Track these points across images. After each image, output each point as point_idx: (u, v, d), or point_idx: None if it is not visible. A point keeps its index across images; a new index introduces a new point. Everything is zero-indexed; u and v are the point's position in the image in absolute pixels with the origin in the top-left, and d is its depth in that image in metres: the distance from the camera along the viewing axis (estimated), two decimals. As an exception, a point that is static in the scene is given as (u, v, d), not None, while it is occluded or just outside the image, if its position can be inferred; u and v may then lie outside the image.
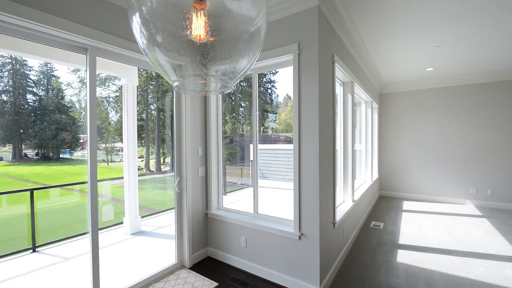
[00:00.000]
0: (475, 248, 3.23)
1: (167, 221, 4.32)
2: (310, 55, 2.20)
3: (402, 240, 3.48)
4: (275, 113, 6.94)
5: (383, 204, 5.40)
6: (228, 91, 0.89)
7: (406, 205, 5.33)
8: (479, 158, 5.17)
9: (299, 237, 2.28)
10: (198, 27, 0.74)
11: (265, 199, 4.96)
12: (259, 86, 3.01)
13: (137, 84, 3.79)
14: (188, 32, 0.74)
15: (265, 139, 6.88)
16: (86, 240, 3.06)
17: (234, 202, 4.92)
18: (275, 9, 2.34)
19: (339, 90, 3.24)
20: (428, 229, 3.92)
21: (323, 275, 2.28)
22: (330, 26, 2.51)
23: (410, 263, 2.86)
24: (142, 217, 4.06)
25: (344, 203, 3.23)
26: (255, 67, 2.63)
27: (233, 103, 5.67)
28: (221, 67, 0.81)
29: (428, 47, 3.60)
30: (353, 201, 3.31)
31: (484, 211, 4.84)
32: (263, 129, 6.99)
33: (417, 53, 3.84)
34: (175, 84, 0.82)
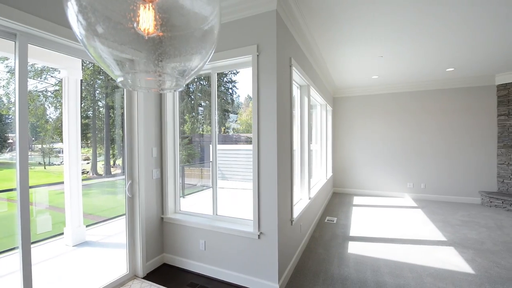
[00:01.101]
0: (412, 236, 3.67)
1: (117, 229, 3.98)
2: (269, 57, 2.24)
3: (352, 233, 3.78)
4: (236, 113, 6.93)
5: (337, 200, 5.81)
6: (180, 89, 0.85)
7: (356, 200, 5.81)
8: (415, 156, 5.92)
9: (259, 236, 2.31)
10: (146, 20, 0.69)
11: (225, 200, 4.92)
12: (220, 86, 2.93)
13: (81, 78, 3.41)
14: (134, 25, 0.68)
15: (226, 140, 6.83)
16: (16, 256, 2.64)
17: (193, 205, 4.77)
18: (234, 8, 2.33)
19: (296, 92, 3.37)
20: (374, 221, 4.33)
21: (282, 271, 2.34)
22: (288, 31, 2.60)
23: (359, 253, 3.11)
24: (87, 226, 3.66)
25: (301, 200, 3.37)
26: (214, 66, 2.58)
27: (192, 102, 5.49)
28: (172, 64, 0.77)
29: (374, 57, 3.98)
30: (310, 198, 3.48)
31: (418, 203, 5.54)
32: (224, 129, 6.92)
33: (365, 61, 4.22)
34: (118, 79, 0.75)
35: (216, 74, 2.64)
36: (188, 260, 2.69)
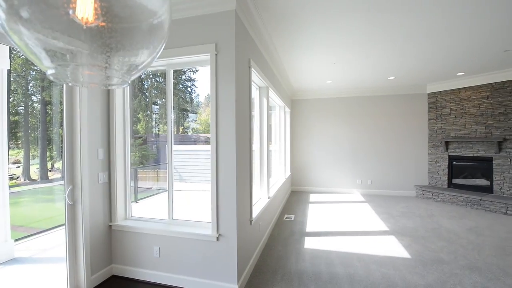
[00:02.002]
0: (360, 228, 4.01)
1: (56, 241, 3.52)
2: (227, 57, 2.22)
3: (308, 229, 3.98)
4: (196, 113, 6.73)
5: (295, 198, 6.05)
6: (125, 86, 0.78)
7: (313, 197, 6.14)
8: (362, 156, 6.50)
9: (217, 238, 2.27)
10: (84, 7, 0.62)
11: (183, 203, 4.73)
12: (177, 84, 2.81)
13: (9, 68, 2.92)
14: (70, 11, 0.60)
15: (185, 140, 6.58)
16: None
17: (147, 210, 4.47)
18: (192, 4, 2.25)
19: (255, 94, 3.42)
20: (328, 216, 4.62)
21: (241, 272, 2.34)
22: (247, 32, 2.61)
23: (314, 247, 3.29)
24: (16, 240, 3.16)
25: (260, 200, 3.42)
26: (169, 63, 2.46)
27: (147, 99, 5.14)
28: (115, 58, 0.70)
29: (327, 63, 4.25)
30: (269, 197, 3.55)
31: (366, 197, 6.10)
32: (183, 129, 6.66)
33: (319, 67, 4.48)
34: (49, 72, 0.65)
35: (171, 71, 2.52)
36: (141, 270, 2.51)
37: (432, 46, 3.56)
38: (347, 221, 4.33)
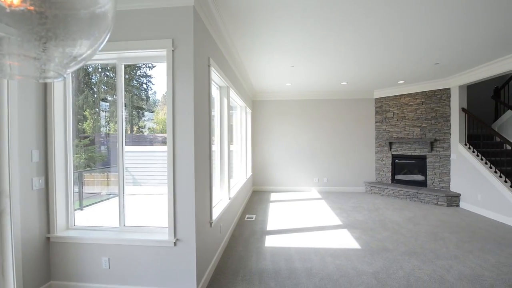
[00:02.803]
0: (317, 223, 4.23)
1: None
2: (185, 54, 2.14)
3: (269, 227, 4.06)
4: (152, 111, 6.34)
5: (256, 197, 6.12)
6: (60, 79, 0.69)
7: (273, 196, 6.28)
8: (319, 155, 6.89)
9: (175, 243, 2.17)
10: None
11: (137, 208, 4.42)
12: (131, 79, 2.62)
13: None
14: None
15: (140, 140, 6.16)
16: None
17: (95, 217, 4.05)
18: (145, -4, 2.11)
19: (216, 93, 3.36)
20: (288, 214, 4.78)
21: (201, 276, 2.27)
22: (207, 30, 2.55)
23: (275, 245, 3.36)
24: None
25: (221, 201, 3.37)
26: (120, 56, 2.27)
27: (95, 95, 4.66)
28: (49, 49, 0.61)
29: (287, 66, 4.40)
30: (230, 198, 3.53)
31: (322, 194, 6.47)
32: (138, 128, 6.22)
33: (279, 69, 4.60)
34: (-45, 59, 0.54)
35: (123, 65, 2.33)
36: (87, 284, 2.26)
37: (377, 57, 3.93)
38: (305, 218, 4.53)
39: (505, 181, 4.33)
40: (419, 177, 6.07)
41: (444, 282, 2.47)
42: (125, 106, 2.54)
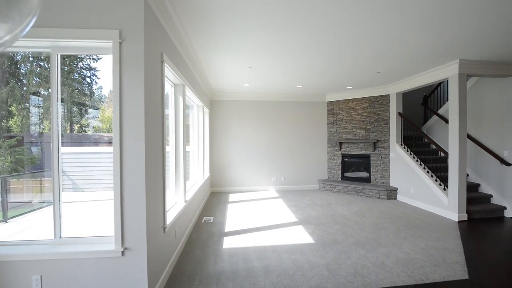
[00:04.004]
0: (274, 221, 4.34)
1: None
2: (135, 47, 1.98)
3: (227, 229, 4.01)
4: (97, 109, 5.73)
5: (214, 199, 6.01)
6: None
7: (232, 197, 6.25)
8: (276, 155, 7.10)
9: (122, 253, 1.99)
10: None
11: (78, 217, 3.95)
12: (71, 72, 2.40)
13: None
14: None
15: (83, 140, 5.50)
16: None
17: (25, 229, 3.47)
18: (86, -21, 1.89)
19: (170, 91, 3.19)
20: (246, 214, 4.80)
21: (153, 286, 2.12)
22: (160, 25, 2.41)
23: (233, 246, 3.34)
24: None
25: (176, 204, 3.22)
26: (55, 45, 2.00)
27: (24, 88, 4.00)
28: None
29: (245, 67, 4.42)
30: (186, 201, 3.39)
31: (280, 193, 6.67)
32: (80, 127, 5.57)
33: (237, 70, 4.60)
34: None
35: (59, 55, 2.06)
36: (12, 309, 1.93)
37: (328, 64, 4.21)
38: (263, 217, 4.61)
39: (431, 176, 5.05)
40: (364, 174, 6.70)
41: (384, 267, 2.76)
42: (62, 102, 2.26)
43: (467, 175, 5.28)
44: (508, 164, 4.54)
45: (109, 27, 1.96)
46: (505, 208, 4.61)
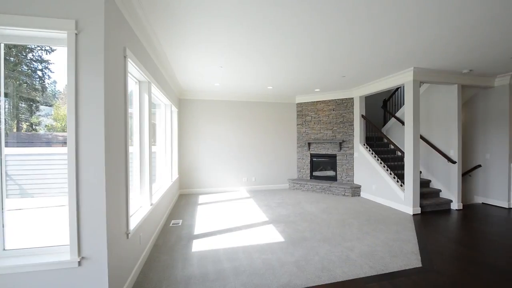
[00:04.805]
0: (245, 222, 4.33)
1: None
2: (93, 40, 1.84)
3: (197, 231, 3.91)
4: (51, 105, 5.19)
5: (183, 201, 5.82)
6: None
7: (202, 198, 6.11)
8: (248, 155, 7.11)
9: (79, 263, 1.82)
10: None
11: (27, 226, 3.54)
12: (19, 63, 2.27)
13: None
14: None
15: (33, 140, 4.94)
16: None
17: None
18: (35, -39, 1.71)
19: (134, 88, 3.02)
20: (216, 215, 4.73)
21: (114, 297, 1.98)
22: (123, 17, 2.27)
23: (202, 249, 3.26)
24: None
25: (141, 208, 3.05)
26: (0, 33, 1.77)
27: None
28: None
29: (215, 66, 4.35)
30: (152, 204, 3.23)
31: (251, 193, 6.69)
32: (29, 125, 4.99)
33: (208, 68, 4.51)
34: None
35: (2, 44, 1.82)
36: None
37: (296, 66, 4.34)
38: (234, 218, 4.58)
39: (390, 174, 5.46)
40: (331, 173, 7.02)
41: (349, 260, 2.92)
42: (6, 97, 2.02)
43: (420, 172, 5.82)
44: (453, 162, 5.09)
45: (63, 16, 1.79)
46: (451, 201, 5.16)
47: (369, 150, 6.08)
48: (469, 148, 5.75)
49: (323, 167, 7.17)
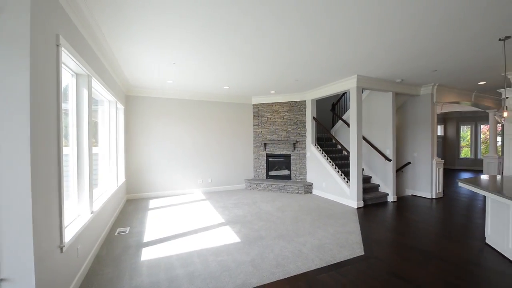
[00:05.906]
0: (201, 224, 4.20)
1: None
2: (15, 23, 1.56)
3: (147, 238, 3.64)
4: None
5: (131, 207, 5.37)
6: None
7: (153, 203, 5.73)
8: (203, 156, 6.93)
9: (-5, 287, 1.52)
10: None
11: None
12: None
13: None
14: None
15: None
16: None
17: None
18: None
19: (70, 81, 2.67)
20: (169, 220, 4.49)
21: (43, 322, 1.71)
22: (57, 2, 1.98)
23: (153, 257, 3.05)
24: None
25: (79, 217, 2.71)
26: None
27: None
28: None
29: (167, 62, 4.12)
30: (92, 212, 2.89)
31: (206, 195, 6.53)
32: None
33: (159, 65, 4.25)
34: None
35: None
36: None
37: (251, 68, 4.39)
38: (188, 221, 4.40)
39: (338, 171, 5.93)
40: (286, 172, 7.30)
41: (302, 255, 3.06)
42: None
43: (363, 169, 6.45)
44: (389, 160, 5.78)
45: (-29, -10, 1.48)
46: (388, 194, 5.84)
47: (320, 150, 6.50)
48: (401, 148, 6.60)
49: (278, 166, 7.41)
